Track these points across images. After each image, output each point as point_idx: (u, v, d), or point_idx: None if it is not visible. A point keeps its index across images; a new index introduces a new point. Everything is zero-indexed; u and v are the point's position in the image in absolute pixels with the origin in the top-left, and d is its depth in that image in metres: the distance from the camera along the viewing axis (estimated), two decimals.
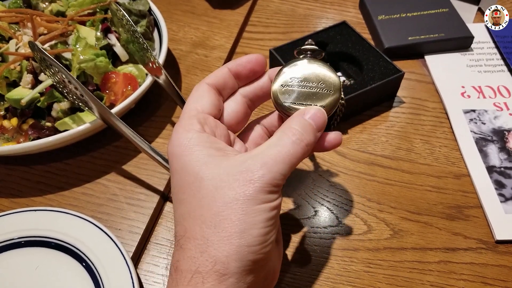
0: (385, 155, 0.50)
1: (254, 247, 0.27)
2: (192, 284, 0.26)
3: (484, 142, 0.50)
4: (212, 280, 0.26)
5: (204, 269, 0.26)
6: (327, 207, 0.46)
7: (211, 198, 0.27)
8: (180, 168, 0.29)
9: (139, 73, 0.52)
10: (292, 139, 0.29)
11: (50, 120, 0.49)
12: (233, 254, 0.26)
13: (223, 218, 0.27)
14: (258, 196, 0.27)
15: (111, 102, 0.50)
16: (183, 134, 0.30)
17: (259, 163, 0.28)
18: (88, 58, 0.49)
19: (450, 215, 0.45)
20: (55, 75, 0.44)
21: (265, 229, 0.27)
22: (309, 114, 0.31)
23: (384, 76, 0.51)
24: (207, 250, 0.27)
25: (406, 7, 0.64)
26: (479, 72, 0.58)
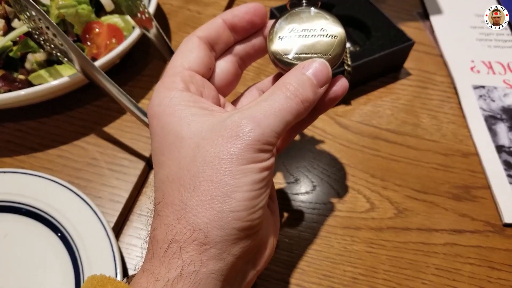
0: (390, 129, 0.47)
1: (239, 213, 0.23)
2: (169, 255, 0.23)
3: (494, 120, 0.47)
4: (191, 250, 0.23)
5: (182, 238, 0.23)
6: (328, 182, 0.43)
7: (191, 158, 0.24)
8: (160, 129, 0.25)
9: (125, 25, 0.47)
10: (286, 94, 0.25)
11: (24, 72, 0.44)
12: (214, 221, 0.23)
13: (203, 180, 0.23)
14: (245, 155, 0.23)
15: (93, 55, 0.45)
16: (164, 93, 0.25)
17: (247, 117, 0.24)
18: (69, 4, 0.43)
19: (457, 195, 0.42)
20: (31, 20, 0.39)
21: (252, 193, 0.23)
22: (309, 68, 0.26)
23: (393, 44, 0.48)
24: (185, 216, 0.23)
25: None
26: (489, 47, 0.55)
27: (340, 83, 0.28)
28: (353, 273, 0.37)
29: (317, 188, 0.42)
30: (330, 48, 0.27)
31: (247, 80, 0.50)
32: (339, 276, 0.37)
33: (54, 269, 0.34)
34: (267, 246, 0.27)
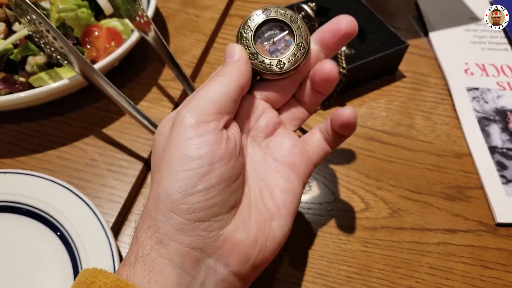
0: (384, 131, 0.47)
1: (173, 195, 0.24)
2: (133, 243, 0.25)
3: (487, 122, 0.48)
4: (143, 235, 0.25)
5: (141, 226, 0.25)
6: (323, 182, 0.43)
7: (155, 154, 0.27)
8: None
9: (124, 29, 0.48)
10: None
11: (24, 74, 0.45)
12: (155, 205, 0.24)
13: (154, 169, 0.26)
14: (175, 139, 0.25)
15: (93, 58, 0.46)
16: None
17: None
18: (69, 8, 0.44)
19: (450, 195, 0.43)
20: (31, 24, 0.39)
21: (184, 173, 0.24)
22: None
23: (387, 47, 0.49)
24: (144, 208, 0.26)
25: None
26: (483, 49, 0.55)
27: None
28: (348, 272, 0.38)
29: (313, 189, 0.43)
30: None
31: None
32: (334, 275, 0.38)
33: (53, 267, 0.35)
34: (237, 245, 0.25)
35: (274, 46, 0.30)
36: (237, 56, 0.28)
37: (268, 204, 0.28)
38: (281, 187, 0.29)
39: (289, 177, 0.30)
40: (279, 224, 0.28)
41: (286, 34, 0.30)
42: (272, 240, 0.27)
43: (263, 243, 0.27)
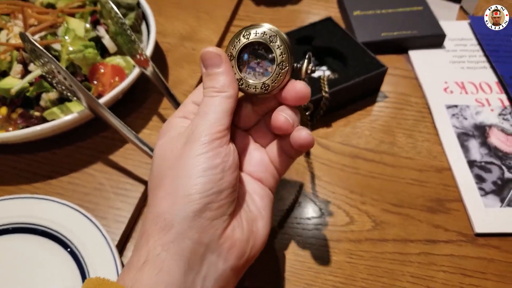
0: (368, 149, 0.51)
1: (192, 195, 0.28)
2: (140, 246, 0.28)
3: (466, 137, 0.51)
4: (155, 235, 0.28)
5: (149, 227, 0.28)
6: (311, 198, 0.47)
7: (159, 168, 0.31)
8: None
9: (126, 65, 0.53)
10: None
11: (39, 109, 0.50)
12: (171, 206, 0.28)
13: (166, 178, 0.29)
14: (194, 150, 0.29)
15: (99, 93, 0.51)
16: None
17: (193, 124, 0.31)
18: (77, 49, 0.49)
19: (431, 208, 0.46)
20: (45, 66, 0.44)
21: (203, 179, 0.28)
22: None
23: (368, 71, 0.52)
24: (152, 210, 0.29)
25: (381, 4, 0.65)
26: (462, 68, 0.59)
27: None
28: (334, 281, 0.41)
29: (302, 204, 0.46)
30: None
31: None
32: (320, 284, 0.41)
33: (64, 281, 0.39)
34: (235, 243, 0.30)
35: (257, 68, 0.32)
36: (222, 66, 0.31)
37: (251, 207, 0.33)
38: (258, 193, 0.34)
39: (261, 186, 0.34)
40: (262, 225, 0.32)
41: (265, 57, 0.32)
42: (259, 238, 0.32)
43: (253, 241, 0.31)
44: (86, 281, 0.28)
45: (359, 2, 0.65)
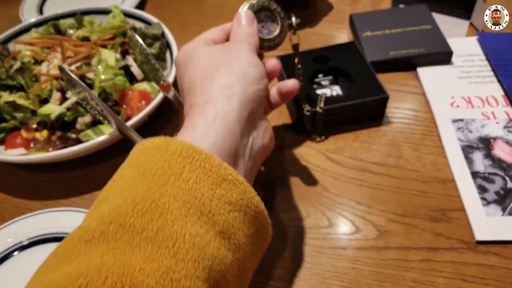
0: (375, 162, 0.54)
1: (253, 77, 0.37)
2: (206, 109, 0.33)
3: (470, 150, 0.53)
4: (221, 101, 0.34)
5: (215, 96, 0.34)
6: (319, 209, 0.50)
7: (209, 65, 0.38)
8: (183, 63, 0.40)
9: (152, 90, 0.58)
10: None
11: (75, 132, 0.56)
12: (238, 79, 0.36)
13: (222, 67, 0.37)
14: (247, 56, 0.39)
15: (128, 115, 0.56)
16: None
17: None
18: (108, 78, 0.55)
19: (434, 217, 0.48)
20: (80, 93, 0.51)
21: (256, 69, 0.38)
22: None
23: (368, 95, 0.55)
24: (218, 82, 0.35)
25: (390, 24, 0.68)
26: (469, 83, 0.61)
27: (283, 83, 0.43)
28: (339, 286, 0.44)
29: (311, 215, 0.50)
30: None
31: None
32: None
33: None
34: (268, 126, 0.39)
35: (263, 30, 0.45)
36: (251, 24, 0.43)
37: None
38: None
39: None
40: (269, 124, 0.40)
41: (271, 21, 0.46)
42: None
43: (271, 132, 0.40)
44: (145, 143, 0.33)
45: (369, 24, 0.69)
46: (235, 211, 0.30)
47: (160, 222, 0.26)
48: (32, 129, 0.58)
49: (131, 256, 0.25)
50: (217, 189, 0.29)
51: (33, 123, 0.57)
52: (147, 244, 0.26)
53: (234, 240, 0.30)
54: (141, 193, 0.28)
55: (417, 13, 0.69)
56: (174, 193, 0.28)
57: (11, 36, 0.68)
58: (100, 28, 0.64)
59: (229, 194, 0.30)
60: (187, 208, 0.28)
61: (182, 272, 0.25)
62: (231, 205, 0.30)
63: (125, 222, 0.27)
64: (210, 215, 0.28)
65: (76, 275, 0.24)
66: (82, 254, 0.26)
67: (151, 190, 0.28)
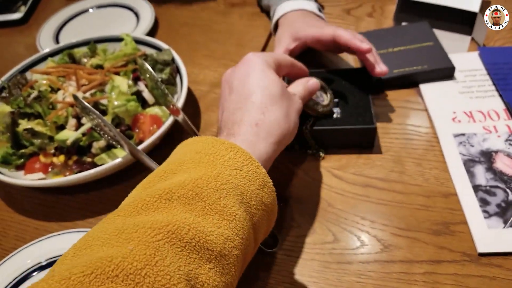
0: (379, 178, 0.55)
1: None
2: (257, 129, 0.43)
3: (472, 163, 0.54)
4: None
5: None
6: (325, 225, 0.52)
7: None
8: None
9: (163, 114, 0.61)
10: None
11: (90, 156, 0.59)
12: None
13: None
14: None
15: (140, 139, 0.59)
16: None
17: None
18: (121, 104, 0.58)
19: (437, 230, 0.49)
20: (93, 120, 0.54)
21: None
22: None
23: (355, 123, 0.56)
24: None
25: (393, 42, 0.70)
26: (471, 98, 0.62)
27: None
28: None
29: (317, 231, 0.51)
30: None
31: None
32: None
33: None
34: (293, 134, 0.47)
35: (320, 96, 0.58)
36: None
37: None
38: None
39: None
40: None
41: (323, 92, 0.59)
42: None
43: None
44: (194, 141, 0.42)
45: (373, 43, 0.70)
46: (265, 211, 0.39)
47: (225, 201, 0.36)
48: (50, 154, 0.61)
49: (203, 220, 0.34)
50: (260, 191, 0.39)
51: (50, 148, 0.60)
52: (214, 214, 0.35)
53: (258, 234, 0.39)
54: (214, 174, 0.37)
55: (419, 30, 0.71)
56: (235, 183, 0.37)
57: (28, 66, 0.72)
58: (113, 56, 0.68)
59: (265, 197, 0.39)
60: (241, 198, 0.37)
61: (235, 243, 0.35)
62: (265, 206, 0.39)
63: (201, 192, 0.35)
64: (253, 209, 0.38)
65: (164, 222, 0.32)
66: (162, 208, 0.34)
67: (221, 175, 0.37)
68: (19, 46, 0.93)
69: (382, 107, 0.64)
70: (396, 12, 0.77)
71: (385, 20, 0.81)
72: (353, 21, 0.82)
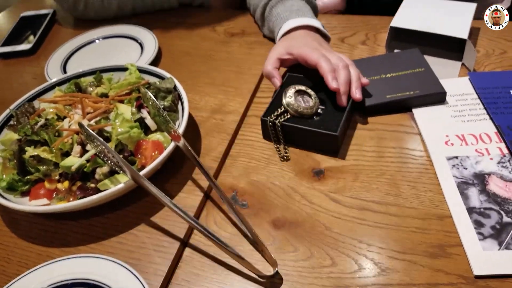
0: (375, 201, 0.57)
1: None
2: None
3: (466, 186, 0.55)
4: None
5: None
6: (323, 249, 0.53)
7: None
8: None
9: (165, 140, 0.63)
10: None
11: (94, 181, 0.60)
12: None
13: None
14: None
15: (142, 164, 0.61)
16: None
17: None
18: (124, 131, 0.60)
19: (433, 253, 0.50)
20: (98, 147, 0.56)
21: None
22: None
23: (321, 127, 0.63)
24: None
25: (386, 69, 0.72)
26: (463, 121, 0.64)
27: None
28: None
29: (314, 255, 0.52)
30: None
31: None
32: None
33: None
34: None
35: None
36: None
37: None
38: None
39: None
40: None
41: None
42: None
43: None
44: None
45: (366, 69, 0.73)
46: None
47: None
48: (55, 181, 0.62)
49: None
50: None
51: (55, 175, 0.62)
52: None
53: None
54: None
55: (410, 57, 0.73)
56: None
57: (36, 95, 0.75)
58: (118, 85, 0.70)
59: None
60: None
61: None
62: None
63: None
64: None
65: None
66: None
67: None
68: (27, 76, 0.96)
69: (376, 131, 0.66)
70: (388, 40, 0.80)
71: (378, 48, 0.83)
72: (347, 48, 0.85)
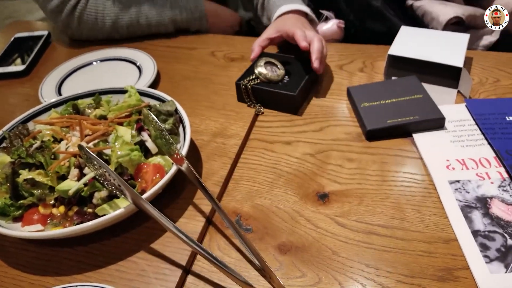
0: (380, 225, 0.56)
1: None
2: None
3: (469, 209, 0.56)
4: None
5: None
6: (330, 274, 0.52)
7: None
8: None
9: (166, 163, 0.62)
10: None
11: (91, 206, 0.58)
12: None
13: None
14: None
15: (143, 188, 0.59)
16: None
17: None
18: (124, 154, 0.59)
19: (440, 277, 0.50)
20: (97, 170, 0.54)
21: None
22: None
23: (282, 90, 0.77)
24: None
25: (386, 95, 0.74)
26: (462, 146, 0.65)
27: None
28: None
29: (322, 280, 0.51)
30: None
31: None
32: None
33: None
34: None
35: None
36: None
37: None
38: None
39: None
40: None
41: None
42: None
43: None
44: None
45: (365, 95, 0.74)
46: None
47: None
48: (50, 205, 0.60)
49: None
50: None
51: (50, 199, 0.60)
52: None
53: None
54: None
55: (408, 84, 0.75)
56: None
57: (31, 116, 0.73)
58: (117, 107, 0.69)
59: None
60: None
61: None
62: None
63: None
64: None
65: None
66: None
67: None
68: (19, 97, 0.95)
69: (378, 155, 0.67)
70: (386, 68, 0.81)
71: (375, 75, 0.85)
72: (346, 75, 0.86)
